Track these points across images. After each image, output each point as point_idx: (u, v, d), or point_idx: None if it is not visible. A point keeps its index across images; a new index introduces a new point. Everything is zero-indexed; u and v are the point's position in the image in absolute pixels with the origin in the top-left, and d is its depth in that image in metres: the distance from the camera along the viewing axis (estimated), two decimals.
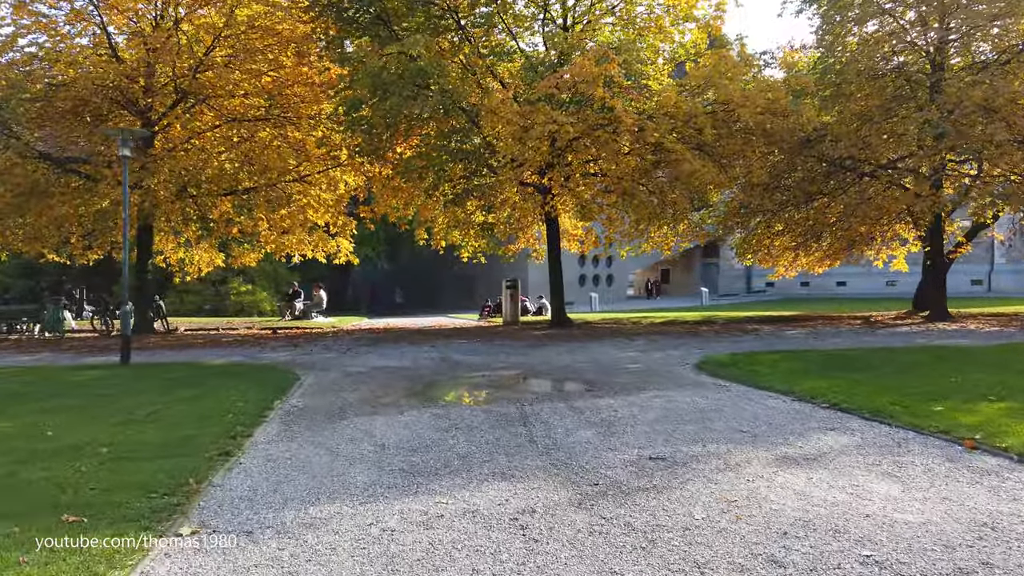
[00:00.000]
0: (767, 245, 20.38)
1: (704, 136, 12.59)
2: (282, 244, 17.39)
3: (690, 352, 10.49)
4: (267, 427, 5.44)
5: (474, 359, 10.02)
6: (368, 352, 11.21)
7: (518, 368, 9.08)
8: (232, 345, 12.91)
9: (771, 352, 10.14)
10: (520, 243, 19.40)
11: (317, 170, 16.25)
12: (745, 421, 5.48)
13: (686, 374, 8.26)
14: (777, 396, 6.63)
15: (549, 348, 11.38)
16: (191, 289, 32.07)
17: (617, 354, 10.46)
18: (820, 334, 13.36)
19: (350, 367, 9.30)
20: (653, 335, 13.69)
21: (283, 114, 15.07)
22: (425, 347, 11.82)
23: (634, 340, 12.55)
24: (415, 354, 10.79)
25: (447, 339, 13.57)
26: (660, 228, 18.69)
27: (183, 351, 11.89)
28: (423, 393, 7.14)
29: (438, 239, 18.88)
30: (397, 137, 13.88)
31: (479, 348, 11.55)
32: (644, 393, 6.84)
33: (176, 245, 18.24)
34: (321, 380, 8.09)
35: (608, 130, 11.63)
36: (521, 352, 10.87)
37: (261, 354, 11.27)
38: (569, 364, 9.37)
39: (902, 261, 22.46)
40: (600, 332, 14.66)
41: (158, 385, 7.53)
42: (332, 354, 11.07)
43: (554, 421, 5.50)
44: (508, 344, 12.14)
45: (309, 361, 10.14)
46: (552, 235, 16.39)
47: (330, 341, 13.48)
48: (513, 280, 18.75)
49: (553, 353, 10.68)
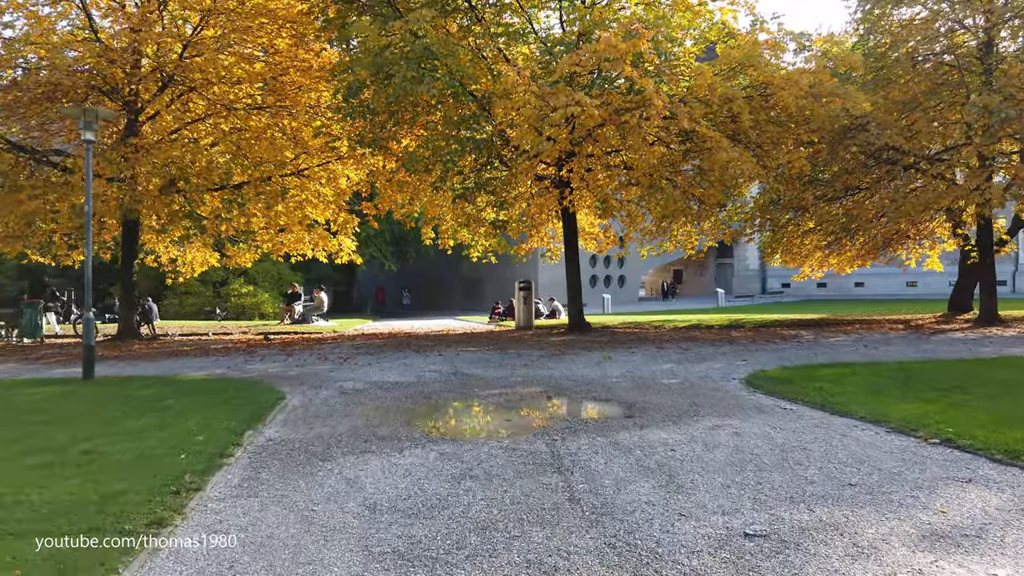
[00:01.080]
0: (798, 244, 19.11)
1: (740, 123, 11.32)
2: (279, 243, 16.22)
3: (733, 364, 9.22)
4: (227, 473, 4.22)
5: (488, 372, 8.79)
6: (368, 363, 9.99)
7: (540, 384, 7.84)
8: (220, 354, 11.74)
9: (828, 365, 8.85)
10: (532, 242, 18.16)
11: (316, 163, 15.07)
12: (845, 466, 4.22)
13: (740, 393, 6.99)
14: (865, 425, 5.37)
15: (571, 358, 10.13)
16: (191, 291, 31.06)
17: (651, 366, 9.20)
18: (868, 341, 12.05)
19: (346, 382, 8.09)
20: (682, 342, 12.42)
21: (279, 103, 13.90)
22: (432, 356, 10.60)
23: (664, 348, 11.28)
24: (421, 365, 9.57)
25: (456, 346, 12.34)
26: (683, 226, 17.47)
27: (163, 361, 10.72)
28: (429, 420, 5.90)
29: (445, 238, 17.67)
30: (402, 126, 12.67)
31: (492, 358, 10.32)
32: (699, 421, 5.59)
33: (168, 244, 17.12)
34: (309, 401, 6.88)
35: (636, 115, 10.38)
36: (540, 363, 9.62)
37: (248, 365, 10.08)
38: (598, 379, 8.12)
39: (935, 260, 21.13)
40: (624, 338, 13.40)
41: (112, 409, 6.33)
42: (327, 365, 9.87)
43: (597, 465, 4.26)
44: (524, 353, 10.90)
45: (300, 374, 8.94)
46: (569, 232, 15.14)
47: (328, 349, 12.29)
48: (527, 282, 17.50)
49: (577, 365, 9.43)
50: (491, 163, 13.26)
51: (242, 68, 13.34)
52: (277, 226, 14.88)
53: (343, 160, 14.98)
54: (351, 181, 16.03)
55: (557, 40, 13.25)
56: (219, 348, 12.74)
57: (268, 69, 13.55)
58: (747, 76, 12.10)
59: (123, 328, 14.26)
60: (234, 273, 32.28)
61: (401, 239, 38.39)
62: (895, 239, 19.01)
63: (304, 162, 14.86)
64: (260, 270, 33.41)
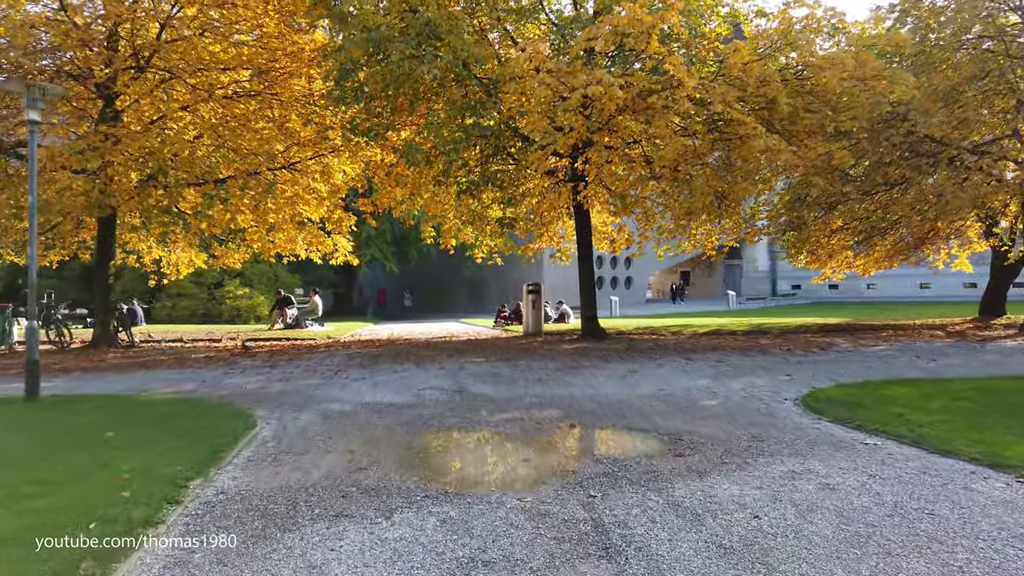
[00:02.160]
0: (824, 243, 17.91)
1: (777, 109, 10.14)
2: (269, 243, 15.06)
3: (777, 380, 8.03)
4: (141, 561, 3.04)
5: (497, 391, 7.60)
6: (361, 377, 8.82)
7: (560, 406, 6.66)
8: (198, 364, 10.57)
9: (891, 383, 7.65)
10: (540, 242, 16.98)
11: (308, 156, 13.91)
12: (1005, 545, 3.04)
13: (801, 421, 5.80)
14: (985, 472, 4.18)
15: (590, 372, 8.94)
16: (185, 293, 29.98)
17: (683, 381, 8.02)
18: (916, 350, 10.85)
19: (332, 403, 6.92)
20: (709, 351, 11.24)
21: (268, 90, 12.75)
22: (433, 370, 9.42)
23: (692, 359, 10.09)
24: (420, 381, 8.39)
25: (460, 356, 11.17)
26: (703, 224, 16.29)
27: (132, 374, 9.56)
28: (428, 462, 4.72)
29: (447, 237, 16.49)
30: (400, 114, 11.49)
31: (501, 372, 9.13)
32: (770, 463, 4.40)
33: (152, 244, 15.99)
34: (284, 429, 5.70)
35: (663, 96, 9.20)
36: (556, 378, 8.44)
37: (226, 379, 8.91)
38: (627, 399, 6.94)
39: (964, 261, 19.96)
40: (643, 347, 12.21)
41: (40, 442, 5.16)
42: (314, 380, 8.70)
43: (659, 546, 3.07)
44: (537, 365, 9.71)
45: (282, 392, 7.77)
46: (583, 231, 13.96)
47: (318, 359, 11.12)
48: (535, 284, 16.31)
49: (599, 380, 8.25)
50: (498, 154, 12.08)
51: (228, 53, 12.20)
52: (266, 224, 13.72)
53: (337, 152, 13.83)
54: (347, 176, 14.88)
55: (569, 19, 12.08)
56: (199, 358, 11.58)
57: (256, 54, 12.40)
58: (782, 57, 10.93)
59: (98, 335, 13.12)
60: (229, 275, 31.19)
61: (402, 239, 37.25)
62: (928, 238, 17.81)
63: (295, 154, 13.70)
64: (256, 271, 32.28)
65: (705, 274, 60.43)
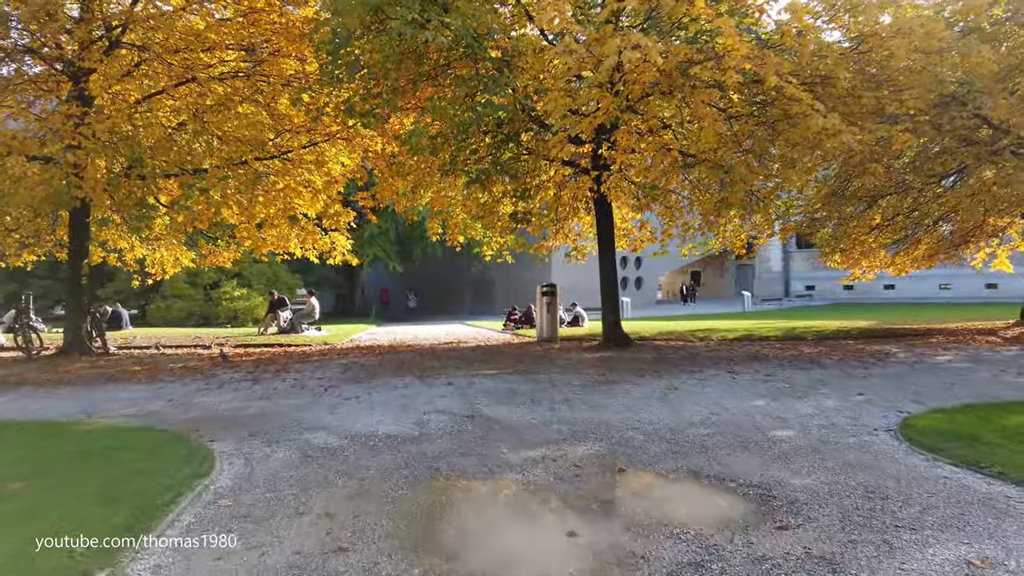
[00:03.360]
0: (862, 241, 16.54)
1: (835, 86, 8.82)
2: (261, 240, 13.79)
3: (850, 400, 6.69)
4: None
5: (517, 415, 6.29)
6: (355, 395, 7.52)
7: (597, 437, 5.34)
8: (172, 377, 9.30)
9: (993, 405, 6.29)
10: (554, 239, 15.65)
11: (301, 144, 12.63)
12: None
13: (917, 464, 4.45)
14: None
15: (623, 388, 7.62)
16: (180, 294, 28.76)
17: (737, 402, 6.69)
18: (987, 360, 9.50)
19: (316, 433, 5.62)
20: (751, 362, 9.91)
21: (256, 71, 11.49)
22: (439, 385, 8.11)
23: (737, 373, 8.75)
24: (424, 401, 7.09)
25: (469, 367, 9.87)
26: (731, 220, 14.97)
27: (92, 388, 8.29)
28: (434, 538, 3.39)
29: (454, 234, 15.19)
30: (401, 95, 10.18)
31: (519, 388, 7.82)
32: (923, 545, 3.07)
33: (135, 241, 14.74)
34: (248, 477, 4.41)
35: (707, 67, 7.88)
36: (585, 397, 7.12)
37: (198, 397, 7.62)
38: (677, 427, 5.62)
39: (1004, 261, 18.54)
40: (673, 356, 10.88)
41: None
42: (300, 398, 7.41)
43: None
44: (559, 379, 8.40)
45: (259, 415, 6.48)
46: (604, 226, 12.64)
47: (310, 370, 9.83)
48: (550, 286, 14.99)
49: (635, 399, 6.93)
50: (511, 141, 10.76)
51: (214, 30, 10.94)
52: (254, 219, 12.45)
53: (333, 140, 12.54)
54: (345, 168, 13.59)
55: None
56: (176, 368, 10.30)
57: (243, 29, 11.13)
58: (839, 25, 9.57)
59: (69, 341, 11.85)
60: (227, 275, 29.97)
61: (406, 238, 35.97)
62: (976, 235, 16.43)
63: (287, 142, 12.42)
64: (255, 272, 31.05)
65: (716, 274, 58.96)
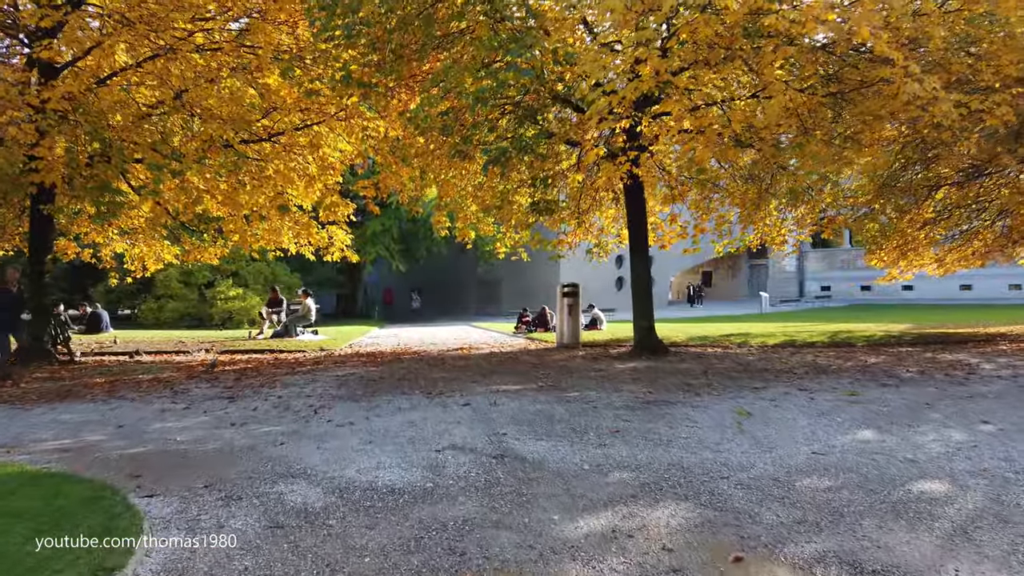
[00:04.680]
0: (912, 237, 15.03)
1: (930, 45, 7.36)
2: (249, 234, 12.32)
3: (978, 431, 5.19)
4: None
5: (560, 454, 4.81)
6: (348, 422, 6.05)
7: (677, 493, 3.87)
8: (134, 393, 7.84)
9: None
10: (576, 234, 14.16)
11: (294, 126, 11.17)
12: None
13: None
14: None
15: (682, 413, 6.13)
16: (172, 294, 27.36)
17: (836, 435, 5.20)
18: None
19: (294, 484, 4.16)
20: (816, 376, 8.42)
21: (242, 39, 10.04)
22: (454, 407, 6.64)
23: (810, 391, 7.26)
24: (438, 429, 5.62)
25: (487, 380, 8.40)
26: (770, 214, 13.53)
27: (27, 411, 6.83)
28: None
29: (464, 229, 13.71)
30: (407, 62, 8.72)
31: (553, 410, 6.34)
32: None
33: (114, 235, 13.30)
34: (181, 573, 2.95)
35: (782, 17, 6.40)
36: (641, 425, 5.64)
37: (155, 423, 6.16)
38: (781, 476, 4.14)
39: None
40: (721, 366, 9.40)
41: None
42: (281, 424, 5.94)
43: None
44: (598, 397, 6.92)
45: (224, 450, 5.02)
46: (637, 217, 11.14)
47: (298, 385, 8.37)
48: (572, 286, 13.52)
49: (704, 429, 5.44)
50: (534, 115, 9.27)
51: None
52: (239, 209, 10.99)
53: (329, 121, 11.08)
54: (343, 154, 12.13)
55: None
56: (145, 380, 8.85)
57: None
58: None
59: (27, 347, 10.40)
60: (222, 274, 28.58)
61: (410, 236, 34.48)
62: None
63: (277, 123, 10.95)
64: (252, 271, 29.63)
65: (728, 275, 57.36)
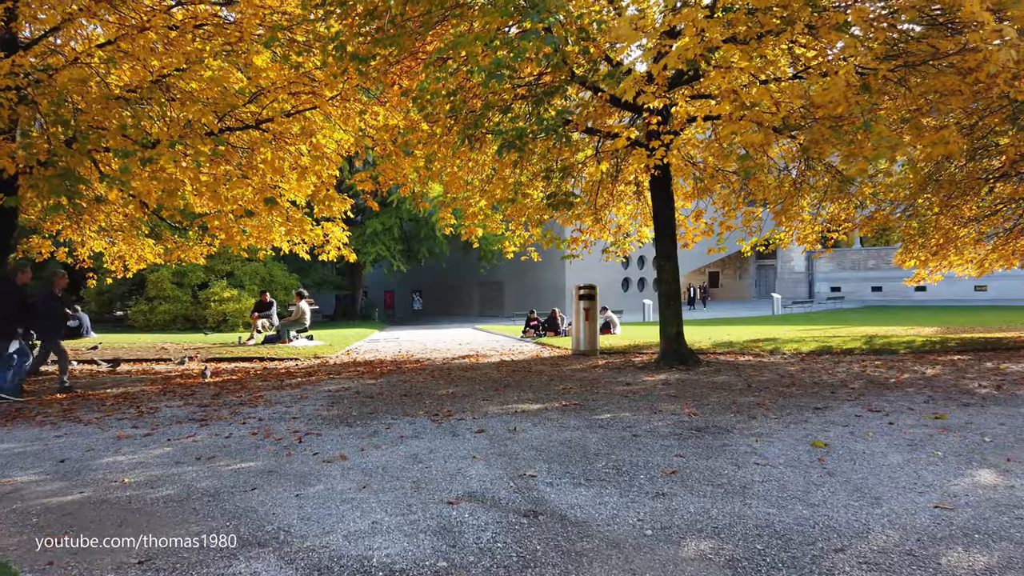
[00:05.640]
0: (953, 235, 13.96)
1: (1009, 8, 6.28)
2: (236, 230, 11.23)
3: None
4: None
5: (609, 509, 3.73)
6: (338, 456, 4.98)
7: (774, 570, 2.80)
8: (94, 413, 6.77)
9: None
10: (591, 232, 13.07)
11: (283, 110, 10.09)
12: None
13: None
14: None
15: (746, 444, 5.04)
16: (165, 296, 26.32)
17: (948, 478, 4.11)
18: None
19: (259, 559, 3.08)
20: (880, 391, 7.34)
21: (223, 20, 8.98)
22: (466, 433, 5.56)
23: (886, 413, 6.17)
24: (448, 468, 4.55)
25: (503, 398, 7.33)
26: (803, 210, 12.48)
27: None
28: None
29: (471, 227, 12.61)
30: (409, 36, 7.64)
31: (587, 441, 5.27)
32: None
33: (92, 233, 12.25)
34: None
35: None
36: (701, 464, 4.56)
37: (106, 455, 5.09)
38: (902, 544, 3.04)
39: None
40: (764, 380, 8.32)
41: None
42: (258, 458, 4.86)
43: None
44: (636, 420, 5.85)
45: (174, 501, 3.94)
46: (664, 210, 10.06)
47: (285, 402, 7.29)
48: (590, 287, 12.44)
49: (781, 468, 4.36)
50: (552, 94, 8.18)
51: None
52: (222, 203, 9.91)
53: (323, 106, 10.00)
54: (340, 145, 11.07)
55: None
56: (109, 398, 7.78)
57: None
58: None
59: None
60: (217, 275, 27.57)
61: (411, 236, 33.40)
62: None
63: (266, 107, 9.88)
64: (248, 271, 28.58)
65: (735, 276, 56.29)
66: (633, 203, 12.95)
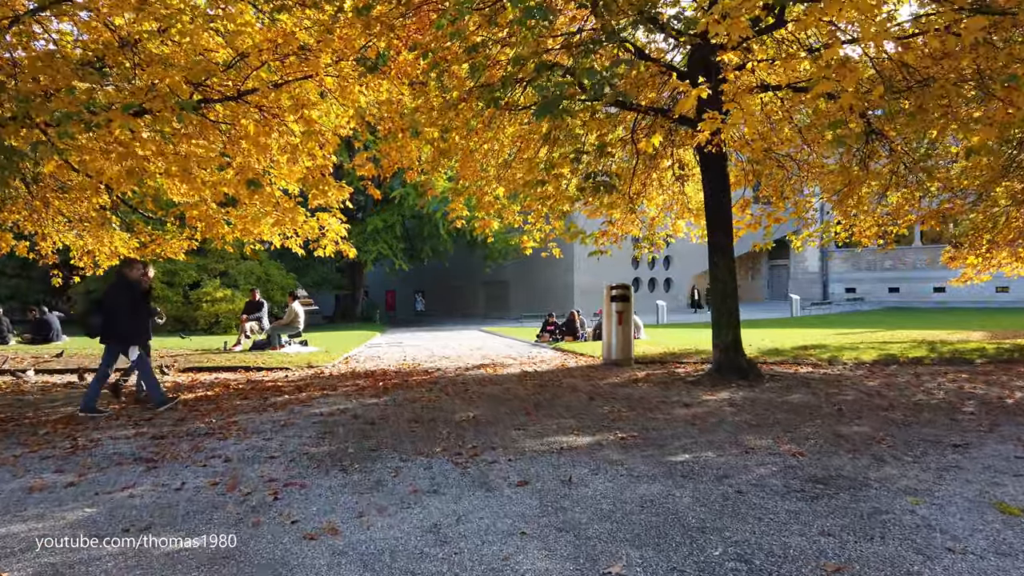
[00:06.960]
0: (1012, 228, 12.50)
1: None
2: (216, 220, 9.77)
3: None
4: None
5: None
6: (326, 522, 3.49)
7: None
8: (15, 450, 5.30)
9: None
10: (620, 226, 11.57)
11: (272, 81, 8.60)
12: None
13: None
14: None
15: (895, 505, 3.54)
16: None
17: None
18: None
19: None
20: (1006, 416, 5.86)
21: None
22: (501, 483, 4.07)
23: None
24: (482, 552, 3.07)
25: (536, 424, 5.84)
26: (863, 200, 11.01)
27: None
28: None
29: (484, 221, 11.11)
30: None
31: (670, 497, 3.79)
32: None
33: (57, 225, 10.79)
34: None
35: None
36: (852, 541, 3.08)
37: (6, 520, 3.61)
38: None
39: None
40: (844, 399, 6.83)
41: None
42: (214, 527, 3.37)
43: None
44: (722, 463, 4.37)
45: None
46: (717, 195, 8.57)
47: (265, 432, 5.81)
48: (623, 287, 10.96)
49: (975, 556, 2.88)
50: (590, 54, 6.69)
51: None
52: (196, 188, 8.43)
53: (317, 72, 8.51)
54: (335, 124, 9.58)
55: None
56: (46, 422, 6.30)
57: None
58: None
59: None
60: (209, 274, 26.14)
61: (415, 234, 31.89)
62: None
63: (250, 76, 8.39)
64: (243, 270, 27.09)
65: (748, 276, 54.72)
66: (668, 192, 11.48)
